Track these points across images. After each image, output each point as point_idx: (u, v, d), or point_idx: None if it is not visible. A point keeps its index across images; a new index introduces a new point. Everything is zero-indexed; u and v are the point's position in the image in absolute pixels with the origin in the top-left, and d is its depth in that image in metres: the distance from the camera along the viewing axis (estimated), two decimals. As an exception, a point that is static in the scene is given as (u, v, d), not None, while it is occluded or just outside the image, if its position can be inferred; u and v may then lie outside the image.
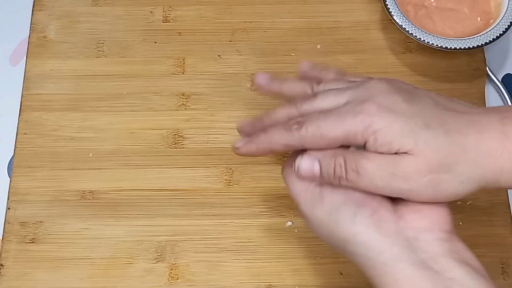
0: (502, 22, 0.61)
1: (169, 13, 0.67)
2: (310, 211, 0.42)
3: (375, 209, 0.40)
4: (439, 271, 0.38)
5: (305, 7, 0.67)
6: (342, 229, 0.40)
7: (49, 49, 0.65)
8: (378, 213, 0.40)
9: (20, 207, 0.58)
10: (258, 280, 0.55)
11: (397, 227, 0.40)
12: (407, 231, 0.39)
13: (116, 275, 0.55)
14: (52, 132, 0.61)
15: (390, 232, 0.39)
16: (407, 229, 0.40)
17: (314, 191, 0.42)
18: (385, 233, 0.39)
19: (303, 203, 0.43)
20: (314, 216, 0.42)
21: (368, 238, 0.39)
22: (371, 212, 0.40)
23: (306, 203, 0.43)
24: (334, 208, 0.41)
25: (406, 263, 0.38)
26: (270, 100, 0.62)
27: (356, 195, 0.41)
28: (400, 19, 0.62)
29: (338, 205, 0.41)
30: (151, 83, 0.63)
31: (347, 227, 0.40)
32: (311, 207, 0.42)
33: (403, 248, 0.39)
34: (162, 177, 0.59)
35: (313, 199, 0.42)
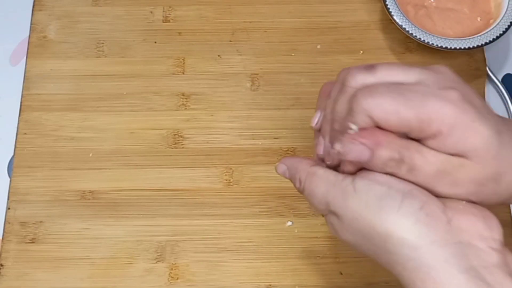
0: (502, 22, 0.61)
1: (169, 13, 0.67)
2: (343, 205, 0.37)
3: (425, 202, 0.35)
4: (491, 284, 0.33)
5: (305, 7, 0.67)
6: (384, 222, 0.34)
7: (49, 49, 0.65)
8: (428, 207, 0.34)
9: (20, 207, 0.58)
10: (258, 280, 0.55)
11: (448, 227, 0.34)
12: (458, 233, 0.34)
13: (116, 275, 0.55)
14: (52, 132, 0.61)
15: (442, 230, 0.34)
16: (459, 231, 0.34)
17: (346, 182, 0.37)
18: (436, 230, 0.34)
19: (333, 200, 0.37)
20: (348, 210, 0.36)
21: (416, 234, 0.34)
22: (421, 205, 0.34)
23: (336, 198, 0.37)
24: (375, 198, 0.35)
25: (457, 270, 0.33)
26: (269, 101, 0.62)
27: (400, 187, 0.35)
28: (400, 19, 0.62)
29: (379, 194, 0.35)
30: (151, 83, 0.63)
31: (391, 219, 0.34)
32: (345, 200, 0.37)
33: (455, 251, 0.34)
34: (162, 177, 0.59)
35: (345, 190, 0.37)
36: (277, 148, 0.60)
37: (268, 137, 0.61)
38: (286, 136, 0.60)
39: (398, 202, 0.35)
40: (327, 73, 0.63)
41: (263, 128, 0.61)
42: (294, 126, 0.61)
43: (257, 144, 0.60)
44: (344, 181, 0.37)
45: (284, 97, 0.62)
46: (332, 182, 0.38)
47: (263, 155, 0.60)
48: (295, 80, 0.63)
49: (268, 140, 0.61)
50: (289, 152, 0.60)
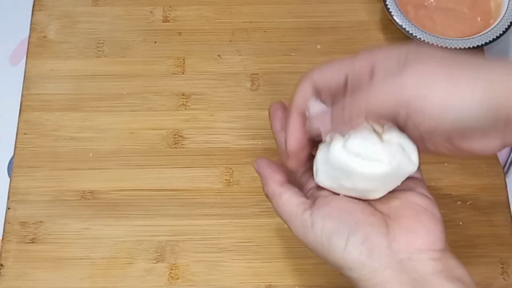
0: (502, 22, 0.61)
1: (169, 13, 0.67)
2: (304, 237, 0.42)
3: (368, 234, 0.40)
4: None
5: (305, 7, 0.67)
6: (334, 256, 0.41)
7: (49, 49, 0.65)
8: (370, 238, 0.40)
9: (20, 207, 0.58)
10: (258, 280, 0.55)
11: (390, 251, 0.40)
12: (400, 253, 0.40)
13: (116, 275, 0.55)
14: (52, 132, 0.61)
15: (382, 256, 0.40)
16: (400, 251, 0.40)
17: (305, 216, 0.42)
18: (377, 258, 0.40)
19: (295, 230, 0.43)
20: (308, 242, 0.42)
21: (361, 265, 0.40)
22: (363, 239, 0.40)
23: (298, 230, 0.42)
24: (326, 236, 0.41)
25: (397, 285, 0.39)
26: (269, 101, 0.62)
27: (348, 219, 0.41)
28: (400, 19, 0.62)
29: (329, 232, 0.41)
30: (151, 83, 0.63)
31: (339, 255, 0.40)
32: (304, 233, 0.42)
33: (395, 270, 0.39)
34: (162, 177, 0.59)
35: (304, 225, 0.42)
36: (277, 148, 0.60)
37: (268, 137, 0.60)
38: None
39: (344, 240, 0.40)
40: (327, 73, 0.63)
41: (263, 128, 0.61)
42: (294, 126, 0.61)
43: (257, 144, 0.60)
44: (304, 214, 0.42)
45: (284, 97, 0.62)
46: (294, 213, 0.43)
47: (263, 155, 0.60)
48: (295, 80, 0.62)
49: (268, 140, 0.60)
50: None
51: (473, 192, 0.58)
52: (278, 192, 0.44)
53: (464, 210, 0.57)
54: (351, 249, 0.40)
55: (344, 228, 0.41)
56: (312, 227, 0.41)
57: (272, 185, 0.44)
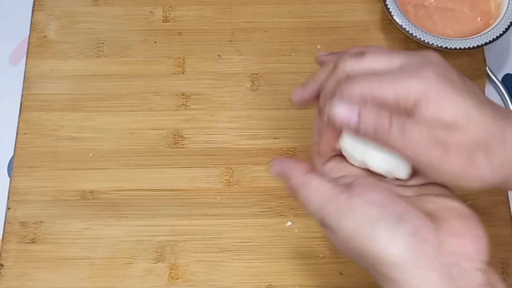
0: (502, 22, 0.61)
1: (169, 13, 0.67)
2: (338, 224, 0.37)
3: (417, 227, 0.36)
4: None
5: (305, 7, 0.67)
6: (375, 245, 0.36)
7: (49, 49, 0.65)
8: (419, 233, 0.36)
9: (20, 207, 0.58)
10: (258, 280, 0.55)
11: (438, 252, 0.35)
12: (448, 256, 0.36)
13: (116, 275, 0.55)
14: (52, 132, 0.61)
15: (431, 255, 0.35)
16: (448, 254, 0.36)
17: (341, 200, 0.37)
18: (425, 256, 0.35)
19: (328, 216, 0.38)
20: (341, 229, 0.37)
21: (405, 260, 0.35)
22: (413, 231, 0.35)
23: (331, 215, 0.37)
24: (368, 221, 0.36)
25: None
26: (269, 101, 0.62)
27: (396, 208, 0.36)
28: (400, 19, 0.62)
29: (373, 218, 0.36)
30: (151, 83, 0.63)
31: (382, 244, 0.35)
32: (338, 219, 0.37)
33: (442, 274, 0.35)
34: (162, 177, 0.59)
35: (340, 209, 0.37)
36: (277, 148, 0.60)
37: (268, 137, 0.61)
38: (286, 136, 0.60)
39: (391, 227, 0.36)
40: (327, 73, 0.63)
41: (263, 128, 0.61)
42: (294, 126, 0.61)
43: (257, 144, 0.60)
44: (339, 196, 0.38)
45: (284, 97, 0.62)
46: (327, 197, 0.38)
47: (263, 155, 0.60)
48: (295, 80, 0.63)
49: (268, 140, 0.61)
50: (289, 152, 0.60)
51: (473, 192, 0.58)
52: (306, 180, 0.39)
53: (464, 210, 0.57)
54: (397, 239, 0.35)
55: (391, 216, 0.36)
56: (350, 211, 0.37)
57: (297, 175, 0.40)
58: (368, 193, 0.37)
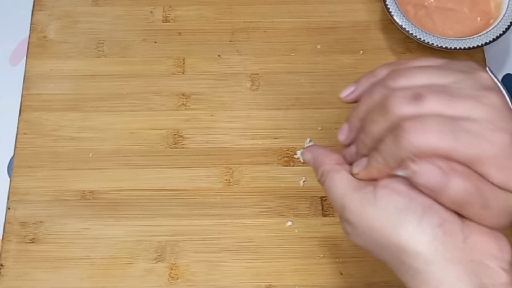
0: (502, 22, 0.61)
1: (169, 13, 0.67)
2: (360, 212, 0.37)
3: (444, 219, 0.35)
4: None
5: (305, 7, 0.67)
6: (401, 235, 0.35)
7: (49, 49, 0.65)
8: (446, 224, 0.35)
9: (20, 207, 0.58)
10: (258, 280, 0.55)
11: (463, 246, 0.35)
12: (473, 252, 0.35)
13: (116, 275, 0.55)
14: (52, 132, 0.61)
15: (457, 248, 0.35)
16: (474, 250, 0.35)
17: (366, 190, 0.37)
18: (452, 248, 0.35)
19: (350, 204, 0.38)
20: (364, 218, 0.37)
21: (432, 250, 0.35)
22: (440, 222, 0.35)
23: (354, 203, 0.37)
24: (395, 210, 0.36)
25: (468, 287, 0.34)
26: (269, 101, 0.62)
27: (421, 200, 0.36)
28: (400, 19, 0.62)
29: (399, 207, 0.36)
30: (151, 83, 0.63)
31: (408, 234, 0.35)
32: (362, 206, 0.37)
33: (468, 269, 0.35)
34: (162, 177, 0.59)
35: (365, 198, 0.37)
36: (277, 148, 0.60)
37: (268, 137, 0.61)
38: (286, 136, 0.60)
39: (418, 216, 0.35)
40: (327, 73, 0.63)
41: (263, 128, 0.61)
42: (294, 126, 0.61)
43: (257, 144, 0.60)
44: (365, 188, 0.38)
45: (284, 97, 0.62)
46: (353, 186, 0.38)
47: (263, 155, 0.60)
48: (295, 80, 0.63)
49: (268, 140, 0.61)
50: (289, 152, 0.60)
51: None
52: (337, 168, 0.39)
53: (464, 210, 0.57)
54: (424, 228, 0.35)
55: (417, 206, 0.36)
56: (376, 200, 0.36)
57: (330, 162, 0.40)
58: (394, 185, 0.37)
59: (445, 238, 0.35)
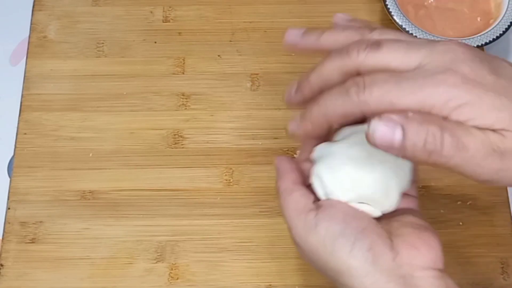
0: (502, 22, 0.61)
1: (169, 13, 0.67)
2: (304, 238, 0.40)
3: (374, 242, 0.39)
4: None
5: (305, 7, 0.67)
6: (337, 260, 0.39)
7: (49, 49, 0.65)
8: (376, 247, 0.39)
9: (20, 207, 0.58)
10: (258, 280, 0.55)
11: (394, 264, 0.38)
12: (402, 267, 0.38)
13: (116, 275, 0.55)
14: (52, 132, 0.61)
15: (387, 268, 0.38)
16: (403, 265, 0.38)
17: (310, 217, 0.40)
18: (381, 269, 0.38)
19: (295, 228, 0.41)
20: (307, 244, 0.40)
21: (364, 273, 0.38)
22: (370, 246, 0.38)
23: (298, 230, 0.41)
24: (331, 237, 0.39)
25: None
26: (269, 101, 0.62)
27: (355, 223, 0.39)
28: (400, 19, 0.62)
29: (335, 234, 0.39)
30: (151, 83, 0.63)
31: (343, 259, 0.39)
32: (305, 234, 0.40)
33: (397, 285, 0.38)
34: (162, 177, 0.59)
35: (308, 225, 0.40)
36: (277, 148, 0.60)
37: (268, 137, 0.61)
38: (286, 136, 0.60)
39: (351, 243, 0.39)
40: (327, 73, 0.63)
41: (263, 128, 0.61)
42: (294, 126, 0.61)
43: (257, 144, 0.60)
44: (309, 214, 0.40)
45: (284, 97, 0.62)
46: (300, 211, 0.41)
47: (263, 155, 0.60)
48: (295, 80, 0.63)
49: (268, 140, 0.61)
50: (289, 152, 0.60)
51: (473, 192, 0.58)
52: (289, 188, 0.42)
53: (464, 210, 0.57)
54: (356, 253, 0.38)
55: (350, 232, 0.39)
56: (316, 228, 0.40)
57: (286, 180, 0.43)
58: (332, 209, 0.40)
59: (375, 259, 0.38)
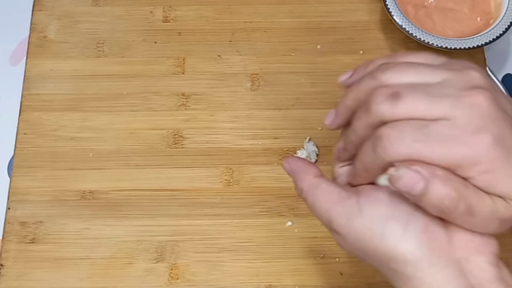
0: (502, 22, 0.61)
1: (169, 13, 0.67)
2: (347, 224, 0.37)
3: (427, 224, 0.36)
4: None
5: (305, 7, 0.67)
6: (388, 244, 0.36)
7: (49, 49, 0.65)
8: (430, 229, 0.36)
9: (20, 207, 0.58)
10: (258, 280, 0.55)
11: (449, 247, 0.36)
12: (458, 251, 0.36)
13: (116, 275, 0.55)
14: (52, 132, 0.61)
15: (443, 251, 0.36)
16: (459, 248, 0.36)
17: (350, 202, 0.38)
18: (438, 252, 0.35)
19: (337, 217, 0.38)
20: (352, 230, 0.37)
21: (419, 257, 0.35)
22: (424, 228, 0.36)
23: (340, 216, 0.38)
24: (380, 220, 0.36)
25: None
26: (269, 101, 0.62)
27: (404, 207, 0.36)
28: (400, 19, 0.62)
29: (384, 216, 0.36)
30: (151, 83, 0.63)
31: (395, 243, 0.36)
32: (348, 219, 0.37)
33: (454, 271, 0.35)
34: (162, 177, 0.59)
35: (350, 210, 0.37)
36: (277, 148, 0.60)
37: (268, 137, 0.61)
38: (286, 136, 0.60)
39: (402, 225, 0.36)
40: (327, 73, 0.63)
41: (263, 128, 0.61)
42: (294, 126, 0.61)
43: (257, 144, 0.60)
44: (349, 199, 0.38)
45: (284, 97, 0.62)
46: (336, 199, 0.38)
47: (263, 155, 0.60)
48: (295, 80, 0.63)
49: (268, 140, 0.61)
50: (289, 152, 0.60)
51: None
52: (316, 182, 0.39)
53: (464, 210, 0.57)
54: (410, 237, 0.35)
55: (401, 214, 0.36)
56: (361, 211, 0.37)
57: (308, 177, 0.40)
58: (377, 193, 0.37)
59: (430, 243, 0.35)
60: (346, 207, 0.38)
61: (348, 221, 0.37)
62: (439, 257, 0.35)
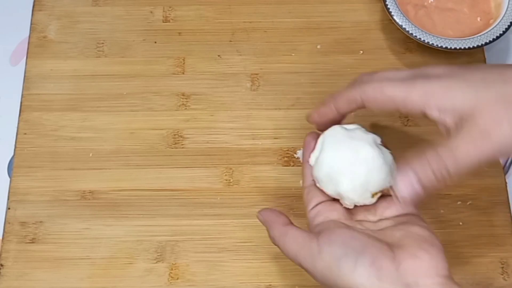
0: (502, 22, 0.61)
1: (169, 13, 0.67)
2: (312, 266, 0.43)
3: (375, 257, 0.41)
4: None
5: (305, 7, 0.67)
6: (344, 280, 0.41)
7: (49, 49, 0.65)
8: (378, 261, 0.41)
9: (20, 207, 0.58)
10: (258, 280, 0.55)
11: (397, 274, 0.40)
12: (407, 277, 0.40)
13: (116, 275, 0.55)
14: (52, 132, 0.61)
15: (391, 279, 0.40)
16: (407, 275, 0.40)
17: (312, 245, 0.43)
18: (386, 280, 0.40)
19: (303, 260, 0.44)
20: (316, 269, 0.43)
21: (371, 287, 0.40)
22: (371, 261, 0.41)
23: (306, 260, 0.44)
24: (335, 260, 0.42)
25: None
26: (269, 101, 0.62)
27: (355, 243, 0.42)
28: (400, 19, 0.62)
29: (338, 256, 0.42)
30: (151, 83, 0.63)
31: (348, 278, 0.41)
32: (312, 262, 0.43)
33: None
34: (162, 177, 0.59)
35: (312, 253, 0.43)
36: (277, 148, 0.60)
37: (268, 137, 0.61)
38: (286, 136, 0.60)
39: (353, 263, 0.41)
40: (327, 73, 0.63)
41: (263, 128, 0.61)
42: (294, 126, 0.61)
43: (257, 144, 0.60)
44: (311, 243, 0.44)
45: (284, 97, 0.62)
46: (301, 244, 0.44)
47: (263, 155, 0.60)
48: (295, 80, 0.63)
49: (268, 140, 0.61)
50: (289, 152, 0.60)
51: (473, 192, 0.58)
52: (284, 231, 0.46)
53: (464, 210, 0.57)
54: (360, 271, 0.41)
55: (352, 252, 0.42)
56: (320, 254, 0.43)
57: (277, 226, 0.47)
58: (333, 236, 0.43)
59: (378, 273, 0.40)
60: (309, 250, 0.43)
61: (312, 263, 0.43)
62: (390, 284, 0.40)
